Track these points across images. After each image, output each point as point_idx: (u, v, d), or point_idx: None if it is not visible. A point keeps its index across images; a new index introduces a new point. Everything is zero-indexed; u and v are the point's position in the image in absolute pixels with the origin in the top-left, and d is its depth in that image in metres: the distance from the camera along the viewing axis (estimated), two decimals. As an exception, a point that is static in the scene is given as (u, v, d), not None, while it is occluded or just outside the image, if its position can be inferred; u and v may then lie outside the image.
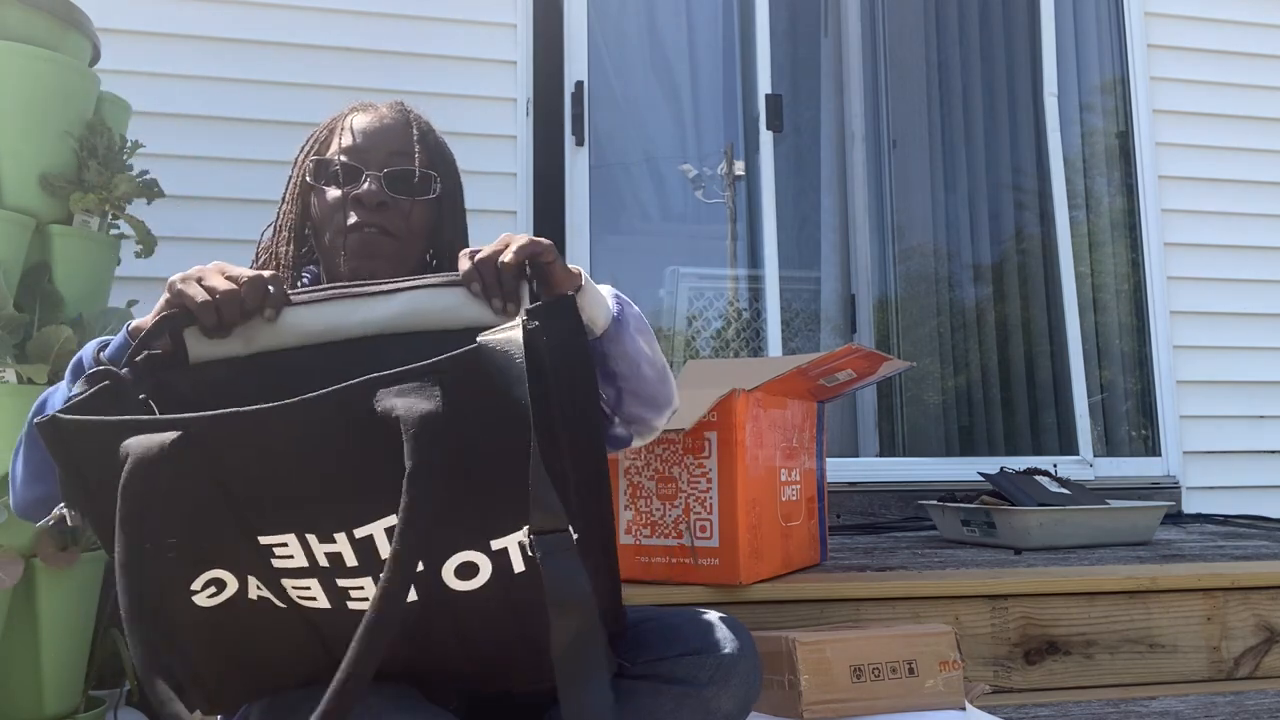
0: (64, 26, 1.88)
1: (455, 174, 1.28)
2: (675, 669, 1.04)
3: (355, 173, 1.18)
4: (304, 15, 2.75)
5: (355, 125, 1.22)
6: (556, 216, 2.90)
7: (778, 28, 3.25)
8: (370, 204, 1.16)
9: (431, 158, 1.23)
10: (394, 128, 1.22)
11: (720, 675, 1.04)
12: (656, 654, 1.06)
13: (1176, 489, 3.17)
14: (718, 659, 1.05)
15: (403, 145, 1.21)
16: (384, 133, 1.21)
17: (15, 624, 1.66)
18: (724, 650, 1.06)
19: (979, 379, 3.40)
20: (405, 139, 1.21)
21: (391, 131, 1.21)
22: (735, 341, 3.36)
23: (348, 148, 1.20)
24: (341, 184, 1.19)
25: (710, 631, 1.07)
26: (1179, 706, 1.68)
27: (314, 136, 1.26)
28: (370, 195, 1.16)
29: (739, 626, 1.10)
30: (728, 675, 1.05)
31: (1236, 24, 3.39)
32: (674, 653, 1.05)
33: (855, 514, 2.95)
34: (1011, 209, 3.52)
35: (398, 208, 1.18)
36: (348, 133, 1.21)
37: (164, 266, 2.24)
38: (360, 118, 1.23)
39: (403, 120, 1.24)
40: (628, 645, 1.08)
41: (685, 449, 1.64)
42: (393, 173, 1.19)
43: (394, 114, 1.24)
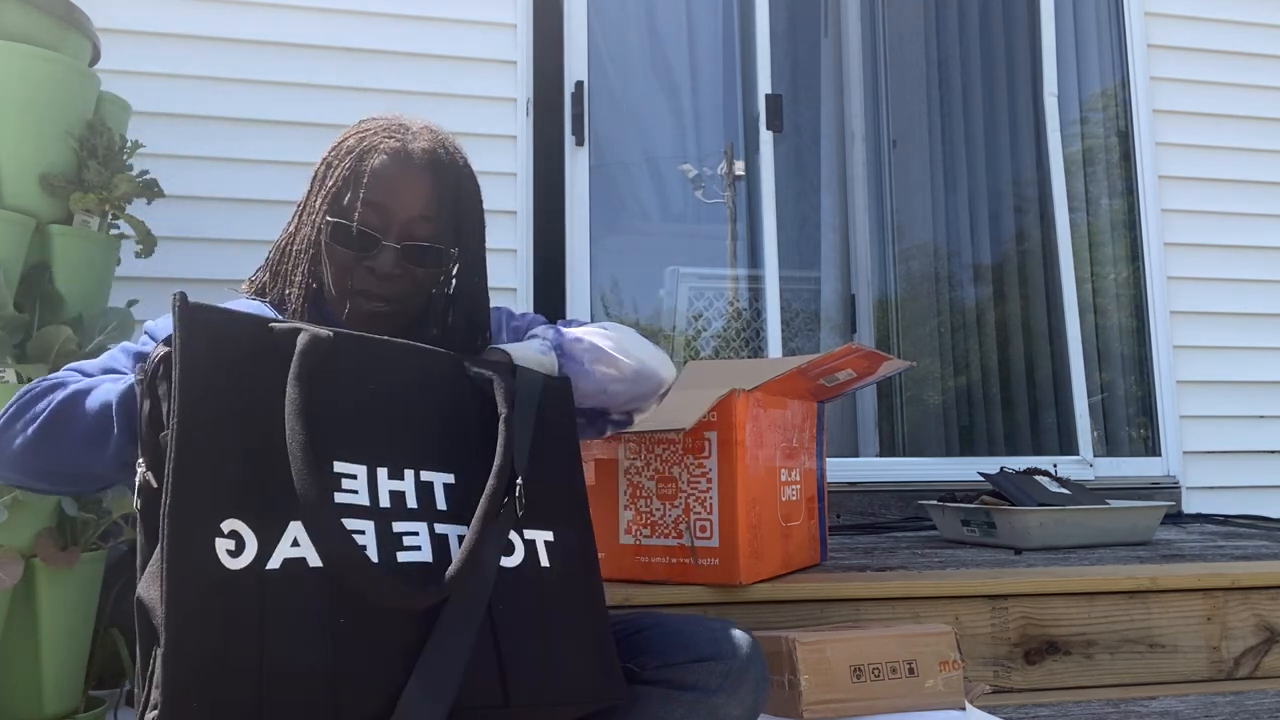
0: (64, 26, 1.88)
1: (479, 226, 1.22)
2: (686, 675, 1.04)
3: (372, 241, 1.14)
4: (304, 15, 2.75)
5: (381, 175, 1.14)
6: (556, 216, 2.90)
7: (778, 28, 3.25)
8: (382, 277, 1.14)
9: (455, 220, 1.18)
10: (421, 186, 1.15)
11: (730, 683, 1.05)
12: (666, 660, 1.06)
13: (1176, 489, 3.17)
14: (727, 666, 1.05)
15: (427, 209, 1.15)
16: (409, 191, 1.14)
17: (15, 624, 1.66)
18: (734, 658, 1.06)
19: (979, 379, 3.40)
20: (430, 201, 1.15)
21: (417, 190, 1.14)
22: (735, 341, 3.36)
23: (367, 204, 1.13)
24: (357, 249, 1.14)
25: (720, 639, 1.08)
26: (1179, 706, 1.68)
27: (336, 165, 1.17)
28: (383, 269, 1.13)
29: (747, 634, 1.11)
30: (738, 683, 1.05)
31: (1236, 24, 3.39)
32: (684, 659, 1.06)
33: (855, 514, 2.95)
34: (1011, 209, 3.52)
35: (410, 279, 1.16)
36: (371, 185, 1.13)
37: (164, 266, 2.26)
38: (387, 166, 1.14)
39: (432, 171, 1.16)
40: (636, 649, 1.08)
41: (685, 449, 1.64)
42: (411, 247, 1.14)
43: (424, 162, 1.16)
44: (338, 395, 0.90)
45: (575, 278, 2.90)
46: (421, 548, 0.90)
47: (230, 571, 0.79)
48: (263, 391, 0.85)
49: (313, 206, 1.17)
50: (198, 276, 2.48)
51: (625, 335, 1.23)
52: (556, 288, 2.85)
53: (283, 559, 0.82)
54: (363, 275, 1.14)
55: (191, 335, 0.83)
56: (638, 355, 1.20)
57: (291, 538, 0.83)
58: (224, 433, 0.82)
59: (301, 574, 0.82)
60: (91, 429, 0.96)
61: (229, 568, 0.79)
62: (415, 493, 0.92)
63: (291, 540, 0.83)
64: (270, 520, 0.82)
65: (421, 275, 1.17)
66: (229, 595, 0.79)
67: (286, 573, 0.82)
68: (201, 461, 0.80)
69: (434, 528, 0.92)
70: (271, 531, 0.82)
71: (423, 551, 0.90)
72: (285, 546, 0.82)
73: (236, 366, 0.85)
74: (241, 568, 0.80)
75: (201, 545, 0.79)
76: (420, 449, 0.94)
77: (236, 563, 0.80)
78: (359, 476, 0.88)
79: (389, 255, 1.13)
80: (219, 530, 0.79)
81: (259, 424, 0.84)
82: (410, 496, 0.91)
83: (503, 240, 2.81)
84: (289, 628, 0.81)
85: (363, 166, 1.14)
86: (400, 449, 0.92)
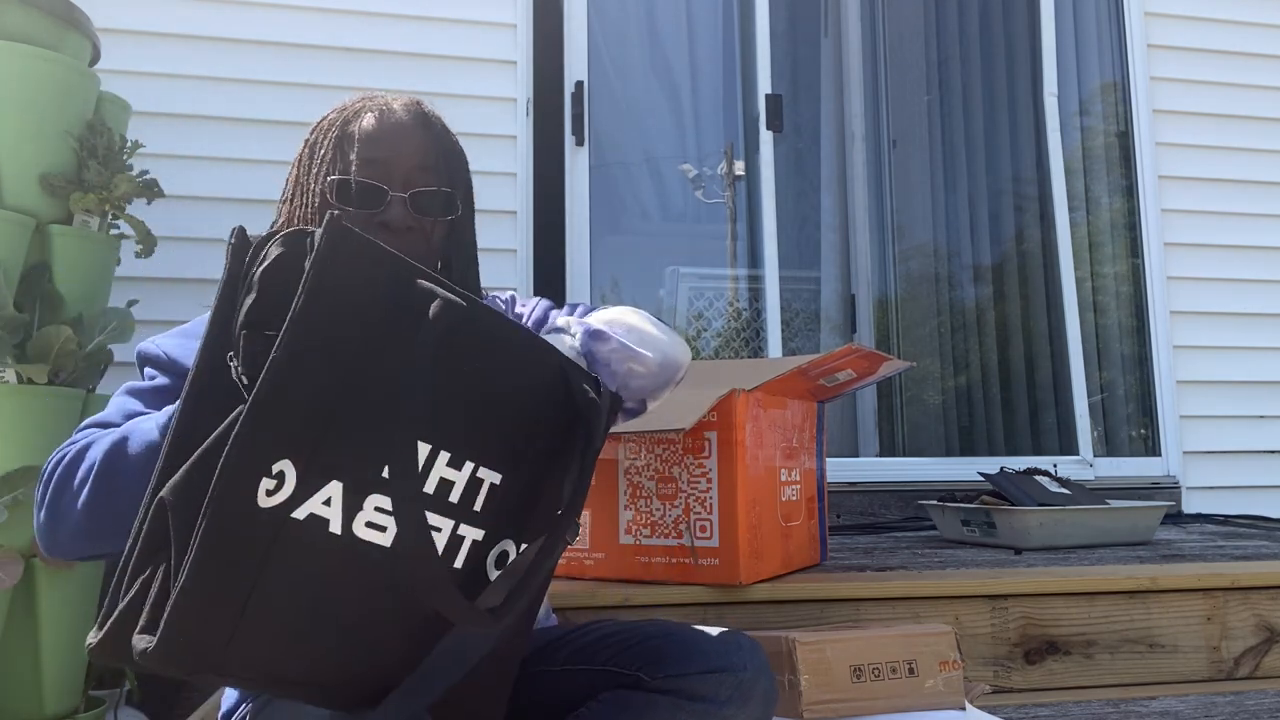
0: (64, 26, 1.88)
1: (469, 180, 1.23)
2: (697, 686, 1.03)
3: (378, 194, 1.12)
4: (304, 15, 2.75)
5: (372, 134, 1.14)
6: (556, 216, 2.90)
7: (778, 28, 3.25)
8: (397, 229, 1.11)
9: (452, 171, 1.18)
10: (413, 137, 1.15)
11: (740, 695, 1.04)
12: (676, 670, 1.05)
13: (1176, 489, 3.17)
14: (738, 678, 1.04)
15: (424, 159, 1.14)
16: (404, 143, 1.14)
17: (15, 624, 1.66)
18: (745, 670, 1.05)
19: (979, 379, 3.40)
20: (426, 151, 1.15)
21: (412, 142, 1.14)
22: (735, 341, 3.36)
23: (366, 160, 1.12)
24: (365, 205, 1.12)
25: (731, 650, 1.07)
26: (1179, 706, 1.68)
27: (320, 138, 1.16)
28: (397, 221, 1.11)
29: (756, 645, 1.10)
30: (747, 695, 1.05)
31: (1236, 24, 3.39)
32: (694, 670, 1.05)
33: (855, 514, 2.95)
34: (1011, 209, 3.52)
35: (422, 231, 1.14)
36: (364, 143, 1.13)
37: (164, 266, 2.26)
38: (377, 124, 1.14)
39: (421, 126, 1.16)
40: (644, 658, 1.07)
41: (685, 449, 1.64)
42: (418, 194, 1.13)
43: (411, 119, 1.16)
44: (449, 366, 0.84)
45: (575, 278, 2.90)
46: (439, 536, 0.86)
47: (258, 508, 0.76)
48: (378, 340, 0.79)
49: (304, 185, 1.15)
50: (198, 276, 2.48)
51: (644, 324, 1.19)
52: (556, 288, 2.85)
53: (309, 513, 0.78)
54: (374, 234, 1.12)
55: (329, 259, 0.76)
56: (659, 346, 1.17)
57: (326, 496, 0.78)
58: (319, 376, 0.77)
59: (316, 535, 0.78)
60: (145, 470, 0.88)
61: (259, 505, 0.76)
62: (464, 487, 0.86)
63: (325, 499, 0.78)
64: (316, 471, 0.78)
65: (431, 226, 1.15)
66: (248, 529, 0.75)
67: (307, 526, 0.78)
68: (282, 400, 0.75)
69: (458, 528, 0.87)
70: (314, 482, 0.78)
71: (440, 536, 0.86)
72: (316, 503, 0.78)
73: (361, 310, 0.79)
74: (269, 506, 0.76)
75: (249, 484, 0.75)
76: (489, 442, 0.88)
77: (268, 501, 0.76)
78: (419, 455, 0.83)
79: (398, 206, 1.12)
80: (268, 470, 0.75)
81: (360, 376, 0.79)
82: (456, 490, 0.86)
83: (503, 240, 2.81)
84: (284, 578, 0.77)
85: (350, 130, 1.14)
86: (472, 437, 0.86)
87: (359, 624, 0.83)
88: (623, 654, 1.08)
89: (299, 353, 0.75)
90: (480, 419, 0.87)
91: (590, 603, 1.57)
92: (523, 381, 0.91)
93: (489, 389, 0.88)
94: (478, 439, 0.87)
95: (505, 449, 0.89)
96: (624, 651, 1.08)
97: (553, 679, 1.13)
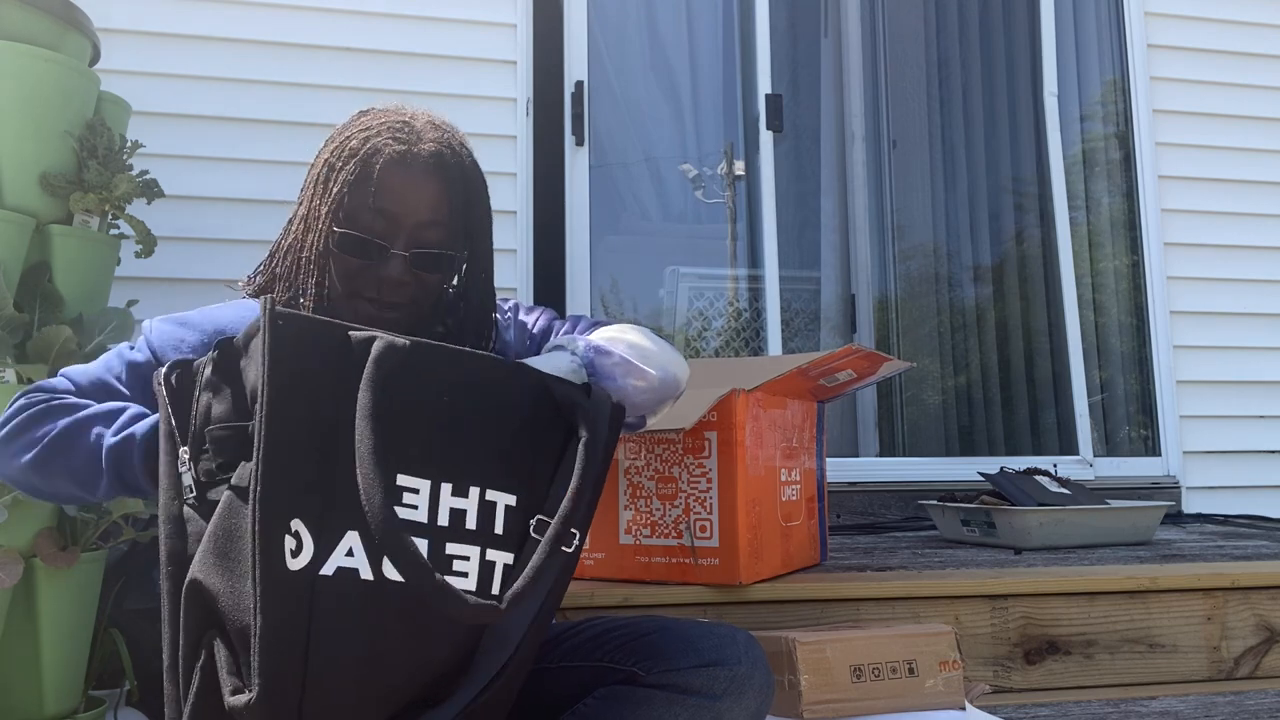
0: (64, 26, 1.88)
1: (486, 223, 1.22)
2: (692, 680, 1.04)
3: (379, 250, 1.13)
4: (304, 15, 2.75)
5: (388, 182, 1.12)
6: (556, 216, 2.90)
7: (778, 28, 3.25)
8: (391, 285, 1.13)
9: (465, 222, 1.18)
10: (428, 189, 1.14)
11: (735, 688, 1.05)
12: (671, 664, 1.05)
13: (1176, 489, 3.17)
14: (733, 672, 1.05)
15: (434, 214, 1.14)
16: (416, 196, 1.13)
17: (15, 624, 1.66)
18: (740, 664, 1.06)
19: (979, 379, 3.40)
20: (436, 207, 1.14)
21: (425, 195, 1.14)
22: (735, 341, 3.36)
23: (377, 210, 1.12)
24: (364, 256, 1.13)
25: (725, 644, 1.07)
26: (1179, 706, 1.68)
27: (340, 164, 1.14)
28: (392, 277, 1.13)
29: (751, 639, 1.10)
30: (742, 689, 1.05)
31: (1236, 24, 3.39)
32: (689, 664, 1.05)
33: (855, 514, 2.95)
34: (1011, 209, 3.52)
35: (420, 284, 1.15)
36: (375, 192, 1.12)
37: (164, 266, 2.26)
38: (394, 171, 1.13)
39: (438, 172, 1.15)
40: (640, 653, 1.08)
41: (685, 449, 1.64)
42: (420, 255, 1.14)
43: (432, 165, 1.14)
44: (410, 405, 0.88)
45: (575, 278, 2.90)
46: (469, 574, 0.89)
47: (290, 571, 0.82)
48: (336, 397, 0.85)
49: (317, 212, 1.15)
50: (198, 276, 2.48)
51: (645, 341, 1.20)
52: (556, 288, 2.85)
53: (336, 566, 0.83)
54: (371, 282, 1.14)
55: (279, 337, 0.84)
56: (660, 362, 1.18)
57: (347, 547, 0.84)
58: (300, 434, 0.83)
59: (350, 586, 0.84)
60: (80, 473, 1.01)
61: (289, 567, 0.82)
62: (477, 513, 0.90)
63: (347, 550, 0.84)
64: (329, 526, 0.83)
65: (429, 280, 1.16)
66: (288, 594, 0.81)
67: (338, 580, 0.83)
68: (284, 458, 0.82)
69: (485, 553, 0.90)
70: (329, 537, 0.83)
71: (469, 579, 0.89)
72: (340, 555, 0.84)
73: (314, 372, 0.85)
74: (298, 569, 0.82)
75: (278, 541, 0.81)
76: (488, 466, 0.91)
77: (295, 563, 0.82)
78: (421, 491, 0.87)
79: (398, 264, 1.13)
80: (288, 528, 0.82)
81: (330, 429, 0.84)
82: (471, 516, 0.89)
83: (503, 240, 2.80)
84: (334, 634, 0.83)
85: (368, 171, 1.12)
86: (469, 464, 0.90)
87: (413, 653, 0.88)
88: (618, 650, 1.09)
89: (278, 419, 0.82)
90: (472, 445, 0.91)
91: (590, 603, 1.57)
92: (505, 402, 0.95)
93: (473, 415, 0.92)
94: (475, 464, 0.90)
95: (510, 469, 0.93)
96: (620, 647, 1.09)
97: (550, 676, 1.13)
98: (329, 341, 0.87)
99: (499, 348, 1.29)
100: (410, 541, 0.83)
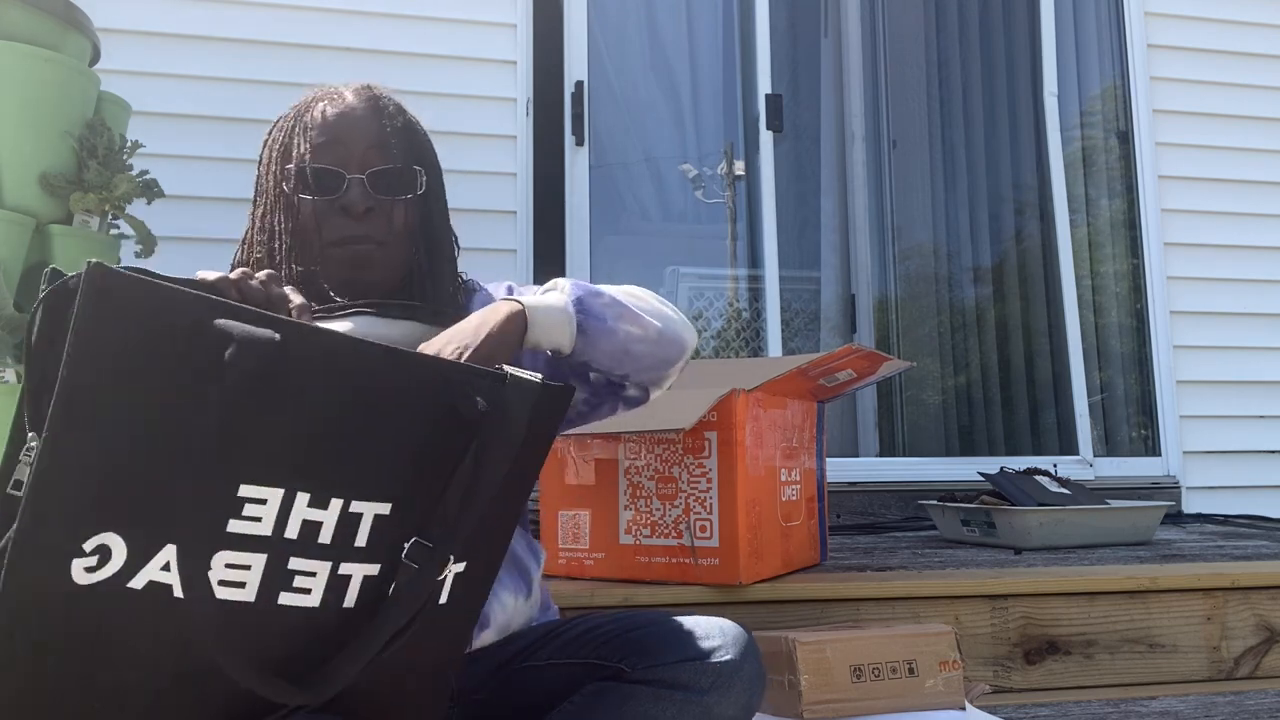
0: (64, 26, 1.88)
1: (435, 159, 1.20)
2: (678, 675, 1.02)
3: (335, 178, 1.11)
4: (304, 15, 2.75)
5: (324, 121, 1.13)
6: (556, 216, 2.90)
7: (778, 28, 3.26)
8: (357, 212, 1.10)
9: (411, 147, 1.16)
10: (366, 118, 1.14)
11: (722, 682, 1.02)
12: (657, 659, 1.04)
13: (1176, 489, 3.17)
14: (719, 665, 1.03)
15: (379, 138, 1.13)
16: (357, 126, 1.13)
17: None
18: (727, 657, 1.04)
19: (979, 379, 3.40)
20: (380, 131, 1.14)
21: (365, 123, 1.14)
22: (735, 341, 3.36)
23: (320, 146, 1.12)
24: (323, 191, 1.11)
25: (712, 637, 1.06)
26: (1179, 706, 1.68)
27: (278, 134, 1.16)
28: (355, 203, 1.10)
29: (741, 632, 1.09)
30: (730, 682, 1.03)
31: (1236, 24, 3.39)
32: (675, 658, 1.03)
33: (855, 514, 2.95)
34: (1011, 209, 3.52)
35: (384, 212, 1.12)
36: (317, 130, 1.13)
37: (164, 266, 2.25)
38: (327, 110, 1.14)
39: (373, 108, 1.16)
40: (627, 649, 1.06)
41: (685, 449, 1.64)
42: (375, 173, 1.12)
43: (362, 102, 1.16)
44: (270, 405, 0.74)
45: (575, 277, 2.90)
46: (312, 590, 0.78)
47: (79, 586, 0.69)
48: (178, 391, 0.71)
49: (265, 183, 1.15)
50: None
51: (647, 293, 1.17)
52: (556, 288, 2.85)
53: (147, 580, 0.71)
54: (337, 221, 1.11)
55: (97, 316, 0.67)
56: (662, 313, 1.14)
57: (164, 560, 0.72)
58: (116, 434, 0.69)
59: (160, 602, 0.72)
60: None
61: (79, 582, 0.69)
62: (335, 526, 0.78)
63: (163, 564, 0.72)
64: (146, 534, 0.71)
65: (392, 206, 1.12)
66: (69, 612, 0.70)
67: (146, 594, 0.71)
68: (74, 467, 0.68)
69: (339, 567, 0.79)
70: (145, 546, 0.71)
71: (311, 595, 0.78)
72: (154, 569, 0.72)
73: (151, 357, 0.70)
74: (96, 581, 0.70)
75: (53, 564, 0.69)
76: (360, 473, 0.79)
77: (91, 577, 0.69)
78: (269, 501, 0.75)
79: (356, 188, 1.11)
80: (80, 550, 0.69)
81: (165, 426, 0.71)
82: (326, 530, 0.77)
83: (503, 240, 2.81)
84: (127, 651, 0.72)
85: (304, 119, 1.14)
86: (334, 472, 0.77)
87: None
88: (605, 646, 1.07)
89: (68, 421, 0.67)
90: (343, 450, 0.78)
91: (590, 603, 1.57)
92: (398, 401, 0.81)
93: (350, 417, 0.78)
94: (342, 472, 0.78)
95: (387, 476, 0.81)
96: (607, 643, 1.07)
97: (537, 673, 1.11)
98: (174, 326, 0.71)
99: None
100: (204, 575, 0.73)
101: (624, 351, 1.10)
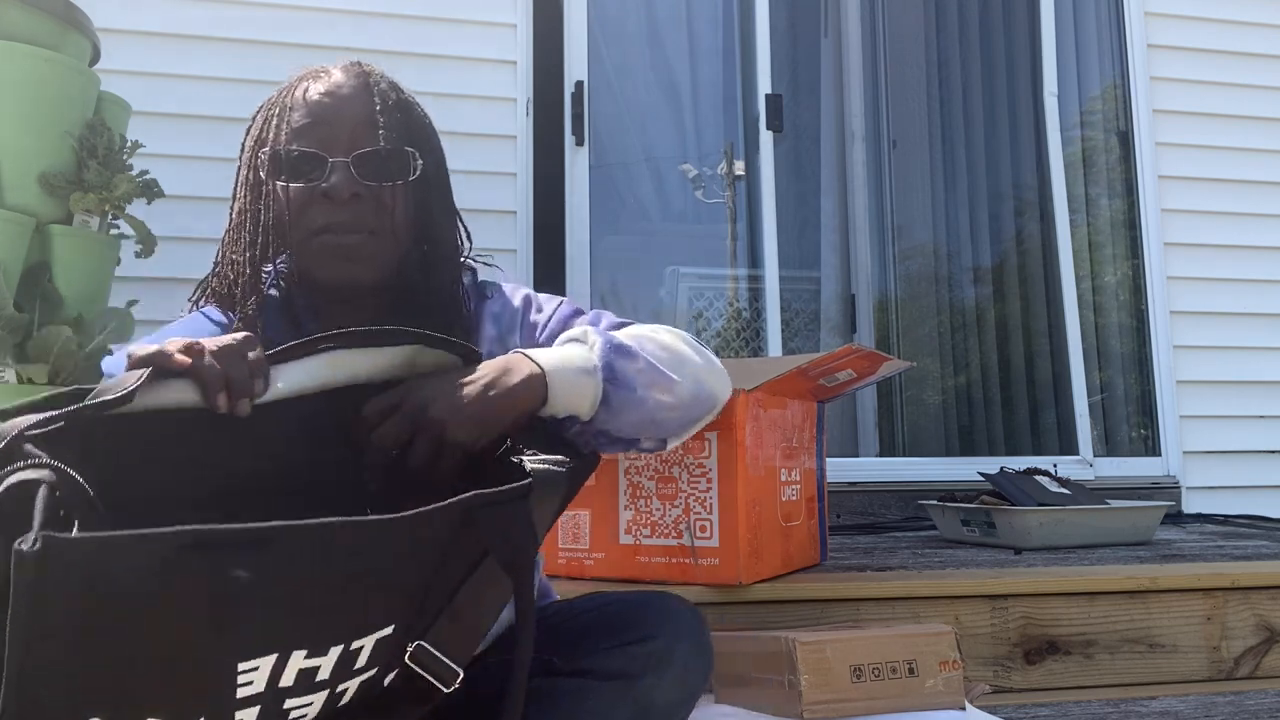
0: (64, 27, 1.89)
1: (434, 141, 1.09)
2: (609, 663, 0.94)
3: (318, 161, 1.00)
4: (304, 15, 2.75)
5: (308, 100, 1.02)
6: (556, 216, 2.90)
7: (778, 28, 3.25)
8: (341, 198, 0.99)
9: (405, 127, 1.04)
10: (354, 97, 1.02)
11: (654, 664, 0.94)
12: (589, 647, 0.96)
13: (1176, 489, 3.17)
14: (652, 647, 0.94)
15: (368, 117, 1.01)
16: (344, 104, 1.02)
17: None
18: (660, 637, 0.95)
19: (979, 379, 3.40)
20: (369, 109, 1.02)
21: (352, 101, 1.02)
22: (735, 341, 3.36)
23: (303, 128, 1.01)
24: (304, 176, 1.00)
25: (647, 617, 0.97)
26: (1179, 706, 1.68)
27: (262, 116, 1.06)
28: (339, 188, 0.99)
29: (680, 609, 0.99)
30: (663, 664, 0.94)
31: (1236, 24, 3.39)
32: (607, 644, 0.95)
33: (855, 514, 2.95)
34: (1011, 209, 3.52)
35: (374, 198, 1.01)
36: (301, 111, 1.02)
37: (164, 266, 2.26)
38: (312, 89, 1.03)
39: (362, 85, 1.04)
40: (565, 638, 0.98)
41: (685, 449, 1.64)
42: (362, 155, 1.00)
43: (351, 79, 1.04)
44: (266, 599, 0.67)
45: (575, 278, 2.90)
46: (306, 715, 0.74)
47: None
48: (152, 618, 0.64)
49: (243, 175, 1.06)
50: (197, 277, 2.47)
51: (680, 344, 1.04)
52: (556, 288, 2.85)
53: None
54: (320, 208, 1.00)
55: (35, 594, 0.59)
56: (693, 372, 1.02)
57: None
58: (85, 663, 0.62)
59: None
60: None
61: None
62: (334, 666, 0.72)
63: None
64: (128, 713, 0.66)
65: (382, 194, 1.01)
66: None
67: None
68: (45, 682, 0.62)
69: (337, 687, 0.74)
70: None
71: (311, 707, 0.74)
72: None
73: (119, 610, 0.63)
74: None
75: None
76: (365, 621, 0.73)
77: None
78: (262, 667, 0.69)
79: (341, 172, 0.99)
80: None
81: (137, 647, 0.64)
82: (324, 670, 0.72)
83: (503, 240, 2.81)
84: None
85: (288, 100, 1.04)
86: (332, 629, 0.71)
87: None
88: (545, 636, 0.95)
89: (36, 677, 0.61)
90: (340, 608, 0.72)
91: (590, 603, 1.57)
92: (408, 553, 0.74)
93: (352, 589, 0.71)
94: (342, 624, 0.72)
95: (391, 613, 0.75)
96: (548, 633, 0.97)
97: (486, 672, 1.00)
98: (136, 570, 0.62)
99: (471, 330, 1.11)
100: None
101: (650, 421, 0.99)
